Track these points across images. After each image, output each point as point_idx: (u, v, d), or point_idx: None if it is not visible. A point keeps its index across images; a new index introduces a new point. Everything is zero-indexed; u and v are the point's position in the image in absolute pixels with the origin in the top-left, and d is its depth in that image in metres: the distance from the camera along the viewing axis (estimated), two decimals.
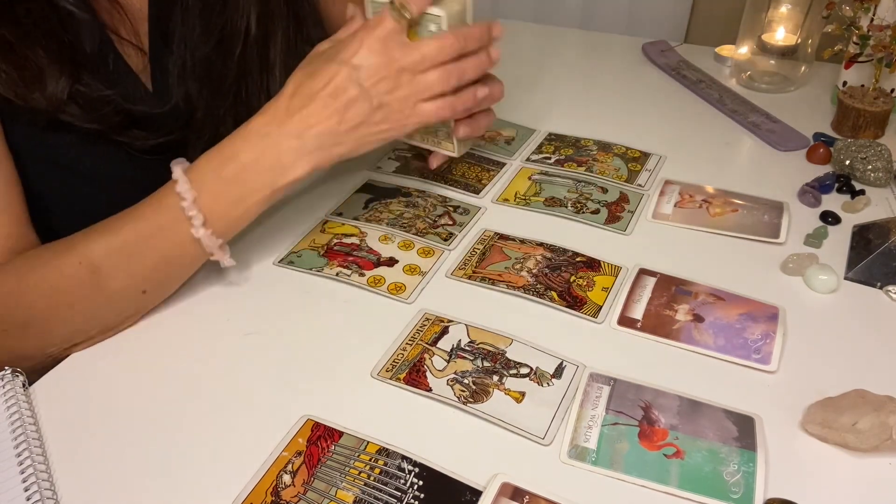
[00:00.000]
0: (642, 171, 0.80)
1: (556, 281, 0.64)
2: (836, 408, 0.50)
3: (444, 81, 0.61)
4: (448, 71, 0.61)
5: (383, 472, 0.48)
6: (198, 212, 0.57)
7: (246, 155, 0.58)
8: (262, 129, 0.59)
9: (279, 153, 0.58)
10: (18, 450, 0.49)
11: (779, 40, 0.97)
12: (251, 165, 0.58)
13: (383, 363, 0.56)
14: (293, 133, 0.58)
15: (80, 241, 0.58)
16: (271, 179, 0.59)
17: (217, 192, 0.58)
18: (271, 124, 0.59)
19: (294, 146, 0.58)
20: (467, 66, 0.62)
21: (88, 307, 0.58)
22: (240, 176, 0.58)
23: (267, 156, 0.58)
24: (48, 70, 0.60)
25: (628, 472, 0.48)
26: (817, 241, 0.69)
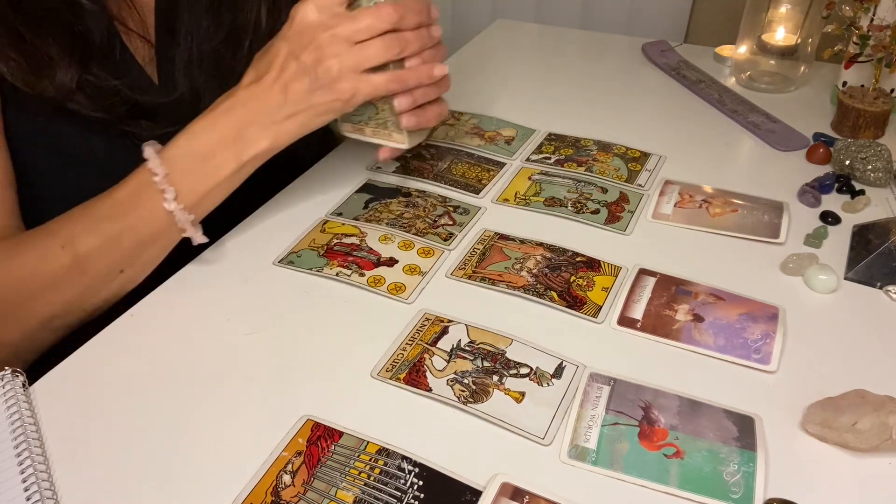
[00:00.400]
0: (642, 171, 0.80)
1: (556, 281, 0.64)
2: (836, 408, 0.50)
3: (387, 50, 0.61)
4: (389, 40, 0.61)
5: (383, 472, 0.48)
6: (169, 186, 0.60)
7: (211, 131, 0.61)
8: (223, 106, 0.62)
9: (239, 128, 0.61)
10: (18, 450, 0.49)
11: (779, 40, 0.97)
12: (216, 141, 0.61)
13: (383, 363, 0.56)
14: (250, 108, 0.61)
15: (61, 225, 0.60)
16: (236, 153, 0.62)
17: (187, 168, 0.61)
18: (231, 101, 0.62)
19: (252, 120, 0.61)
20: (409, 37, 0.62)
21: (70, 290, 0.60)
22: (207, 151, 0.61)
23: (229, 131, 0.61)
24: (58, 59, 0.62)
25: (628, 472, 0.48)
26: (817, 241, 0.69)
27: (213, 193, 0.63)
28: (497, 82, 1.02)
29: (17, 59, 0.61)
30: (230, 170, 0.62)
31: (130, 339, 0.59)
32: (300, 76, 0.60)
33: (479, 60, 1.10)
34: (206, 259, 0.67)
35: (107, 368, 0.56)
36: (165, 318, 0.61)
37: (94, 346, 0.58)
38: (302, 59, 0.60)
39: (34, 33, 0.62)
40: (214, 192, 0.63)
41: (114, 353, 0.58)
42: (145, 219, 0.61)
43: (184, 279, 0.65)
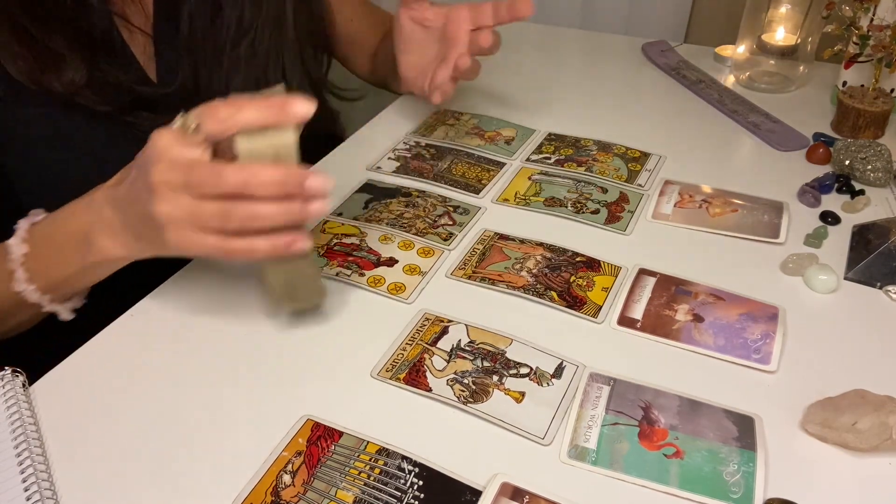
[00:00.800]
0: (642, 171, 0.80)
1: (556, 281, 0.64)
2: (835, 408, 0.50)
3: (220, 219, 0.50)
4: (227, 210, 0.49)
5: (383, 472, 0.48)
6: (21, 268, 0.58)
7: (70, 223, 0.57)
8: (87, 200, 0.57)
9: (90, 231, 0.56)
10: (18, 450, 0.49)
11: (779, 40, 0.97)
12: (71, 235, 0.57)
13: (383, 363, 0.56)
14: (103, 213, 0.55)
15: None
16: (82, 253, 0.56)
17: (42, 253, 0.58)
18: (95, 197, 0.56)
19: (102, 226, 0.55)
20: (261, 211, 0.49)
21: None
22: (62, 243, 0.58)
23: (81, 230, 0.56)
24: (69, 57, 0.63)
25: (628, 472, 0.48)
26: (817, 241, 0.69)
27: (65, 283, 0.59)
28: (497, 82, 1.02)
29: (26, 56, 0.62)
30: (75, 268, 0.57)
31: (130, 339, 0.59)
32: (136, 204, 0.52)
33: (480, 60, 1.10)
34: (206, 259, 0.67)
35: (107, 368, 0.56)
36: (165, 318, 0.61)
37: (94, 346, 0.58)
38: (139, 190, 0.51)
39: (42, 31, 0.63)
40: (69, 282, 0.59)
41: (114, 353, 0.58)
42: (4, 291, 0.59)
43: (184, 279, 0.65)
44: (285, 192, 0.49)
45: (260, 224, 0.50)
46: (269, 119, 0.49)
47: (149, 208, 0.50)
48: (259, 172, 0.49)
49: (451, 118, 0.91)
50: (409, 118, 0.91)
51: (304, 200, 0.50)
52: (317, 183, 0.50)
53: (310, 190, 0.50)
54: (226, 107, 0.49)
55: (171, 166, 0.49)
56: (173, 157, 0.49)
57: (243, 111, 0.49)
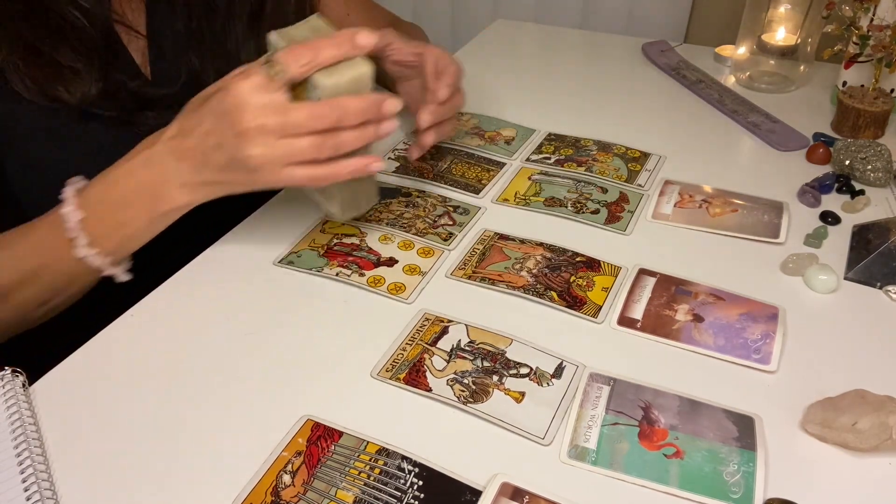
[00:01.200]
0: (642, 171, 0.80)
1: (556, 281, 0.64)
2: (835, 408, 0.50)
3: (315, 151, 0.56)
4: (321, 142, 0.56)
5: (383, 472, 0.48)
6: (82, 233, 0.59)
7: (127, 181, 0.59)
8: (143, 157, 0.59)
9: (156, 183, 0.59)
10: (18, 450, 0.49)
11: (779, 40, 0.97)
12: (132, 192, 0.59)
13: (383, 363, 0.56)
14: (168, 165, 0.58)
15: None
16: (150, 206, 0.59)
17: (101, 215, 0.59)
18: (151, 152, 0.59)
19: (168, 177, 0.58)
20: (346, 138, 0.57)
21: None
22: (122, 200, 0.59)
23: (145, 184, 0.59)
24: (83, 70, 0.64)
25: (628, 472, 0.48)
26: (817, 241, 0.69)
27: (129, 240, 0.61)
28: (497, 82, 1.02)
29: (35, 74, 0.62)
30: (144, 222, 0.60)
31: (130, 339, 0.59)
32: (218, 152, 0.56)
33: (479, 60, 1.10)
34: (206, 259, 0.67)
35: (107, 368, 0.56)
36: (165, 318, 0.61)
37: (94, 346, 0.58)
38: (225, 138, 0.55)
39: (49, 45, 0.63)
40: (130, 240, 0.61)
41: (114, 353, 0.58)
42: (60, 261, 0.60)
43: (184, 279, 0.65)
44: (370, 117, 0.57)
45: (345, 150, 0.58)
46: (345, 54, 0.56)
47: (240, 154, 0.55)
48: (347, 105, 0.56)
49: None
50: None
51: (377, 123, 0.58)
52: (392, 105, 0.58)
53: (387, 112, 0.58)
54: (305, 49, 0.55)
55: (264, 112, 0.54)
56: (264, 103, 0.54)
57: (322, 51, 0.55)
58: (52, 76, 0.63)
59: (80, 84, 0.64)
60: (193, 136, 0.57)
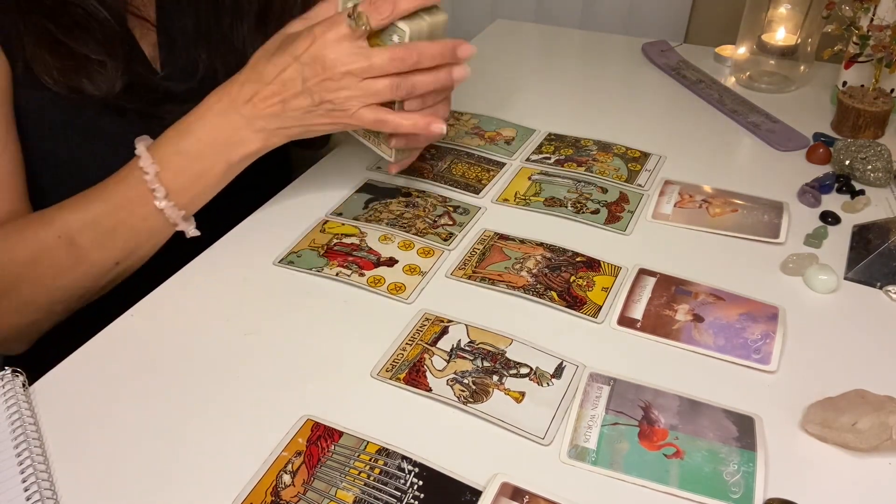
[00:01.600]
0: (642, 171, 0.80)
1: (556, 281, 0.64)
2: (836, 408, 0.50)
3: (392, 91, 0.61)
4: (397, 83, 0.61)
5: (383, 472, 0.48)
6: (160, 185, 0.61)
7: (203, 132, 0.62)
8: (217, 108, 0.63)
9: (232, 131, 0.62)
10: (18, 450, 0.49)
11: (779, 40, 0.97)
12: (208, 142, 0.62)
13: (383, 363, 0.56)
14: (244, 113, 0.62)
15: (58, 215, 0.62)
16: (226, 154, 0.63)
17: (178, 167, 0.62)
18: (225, 102, 0.62)
19: (244, 125, 0.62)
20: (420, 80, 0.62)
21: (68, 277, 0.62)
22: (198, 151, 0.62)
23: (221, 133, 0.63)
24: (108, 63, 0.65)
25: (628, 472, 0.48)
26: (817, 241, 0.69)
27: (203, 191, 0.64)
28: (497, 82, 1.02)
29: (59, 66, 0.63)
30: (220, 170, 0.64)
31: (130, 339, 0.59)
32: (302, 97, 0.61)
33: (479, 60, 1.10)
34: (206, 259, 0.67)
35: (107, 368, 0.56)
36: (165, 318, 0.61)
37: (94, 346, 0.58)
38: (308, 84, 0.61)
39: (77, 40, 0.64)
40: (205, 190, 0.64)
41: (114, 353, 0.58)
42: (138, 215, 0.62)
43: (184, 279, 0.65)
44: (443, 61, 0.62)
45: (419, 90, 0.63)
46: (422, 4, 0.60)
47: (325, 97, 0.61)
48: (424, 49, 0.61)
49: (452, 118, 0.91)
50: None
51: (450, 67, 0.63)
52: (467, 50, 0.63)
53: (462, 56, 0.63)
54: (385, 2, 0.59)
55: (350, 58, 0.60)
56: (349, 51, 0.60)
57: (400, 3, 0.60)
58: (78, 69, 0.64)
59: (105, 77, 0.65)
60: (274, 83, 0.61)
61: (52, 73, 0.63)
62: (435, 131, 0.64)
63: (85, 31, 0.64)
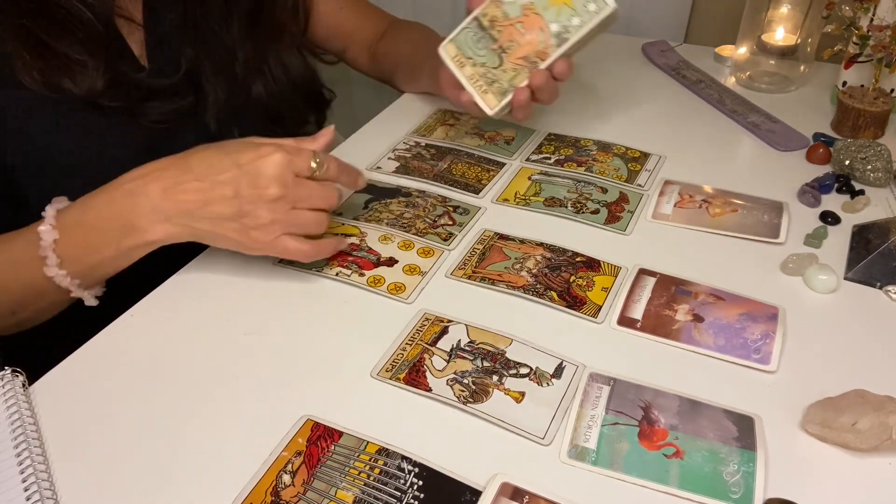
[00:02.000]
0: (642, 171, 0.80)
1: (556, 281, 0.64)
2: (836, 408, 0.50)
3: (317, 227, 0.62)
4: (323, 220, 0.62)
5: (383, 472, 0.48)
6: (53, 253, 0.59)
7: (106, 209, 0.59)
8: (129, 186, 0.59)
9: (134, 216, 0.58)
10: (18, 450, 0.49)
11: (779, 40, 0.97)
12: (108, 218, 0.59)
13: (383, 363, 0.56)
14: (153, 197, 0.58)
15: None
16: (121, 237, 0.59)
17: (74, 238, 0.59)
18: (138, 183, 0.59)
19: (148, 211, 0.58)
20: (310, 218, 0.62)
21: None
22: (96, 227, 0.59)
23: (123, 214, 0.59)
24: (89, 63, 0.64)
25: (628, 472, 0.48)
26: (817, 241, 0.69)
27: (98, 267, 0.61)
28: None
29: (40, 66, 0.63)
30: (111, 252, 0.60)
31: (130, 339, 0.59)
32: (225, 203, 0.58)
33: None
34: (206, 259, 0.67)
35: (107, 368, 0.56)
36: (165, 318, 0.61)
37: (94, 346, 0.58)
38: (241, 194, 0.58)
39: (58, 39, 0.64)
40: (100, 267, 0.61)
41: (114, 353, 0.58)
42: (31, 275, 0.60)
43: (184, 279, 0.65)
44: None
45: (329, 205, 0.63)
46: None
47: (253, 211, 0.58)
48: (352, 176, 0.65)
49: (451, 118, 0.91)
50: (408, 118, 0.91)
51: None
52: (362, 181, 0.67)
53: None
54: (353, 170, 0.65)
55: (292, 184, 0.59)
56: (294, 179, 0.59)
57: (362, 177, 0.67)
58: (59, 68, 0.64)
59: (86, 76, 0.65)
60: (205, 181, 0.58)
61: (33, 73, 0.63)
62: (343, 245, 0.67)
63: (67, 31, 0.64)
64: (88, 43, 0.65)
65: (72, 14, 0.64)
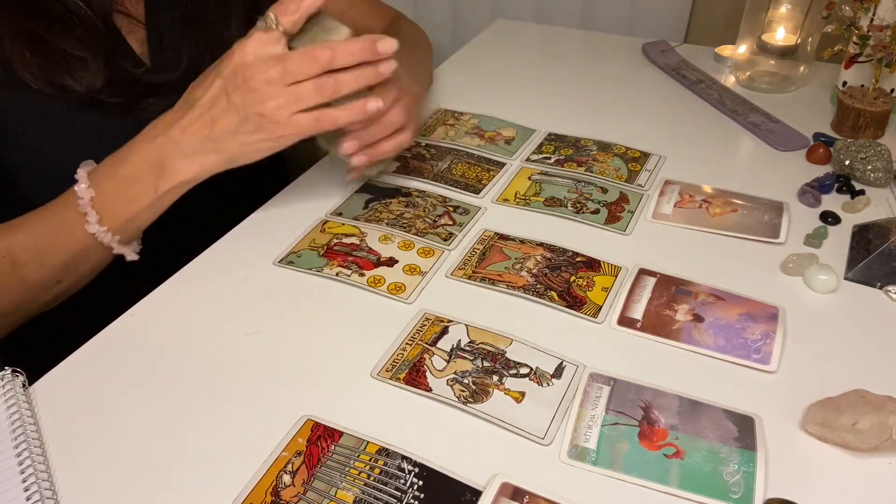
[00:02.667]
0: (642, 171, 0.80)
1: (556, 281, 0.64)
2: (836, 408, 0.50)
3: (318, 92, 0.60)
4: (321, 84, 0.59)
5: (383, 472, 0.48)
6: (92, 210, 0.61)
7: (136, 157, 0.62)
8: (151, 133, 0.62)
9: (162, 157, 0.62)
10: (18, 450, 0.49)
11: (779, 40, 0.97)
12: (140, 168, 0.62)
13: (383, 363, 0.56)
14: (174, 138, 0.61)
15: (1, 234, 0.63)
16: (156, 182, 0.62)
17: (111, 192, 0.62)
18: (159, 128, 0.62)
19: (174, 151, 0.61)
20: (343, 78, 0.60)
21: (11, 295, 0.63)
22: (129, 177, 0.62)
23: (152, 159, 0.62)
24: (89, 60, 0.65)
25: (628, 472, 0.48)
26: (817, 241, 0.69)
27: (137, 217, 0.63)
28: (497, 82, 1.02)
29: (40, 63, 0.63)
30: (149, 198, 0.62)
31: (130, 339, 0.59)
32: (228, 113, 0.60)
33: (479, 60, 1.10)
34: (206, 259, 0.67)
35: (107, 368, 0.56)
36: (165, 318, 0.61)
37: (94, 346, 0.58)
38: (233, 98, 0.59)
39: (57, 36, 0.64)
40: (139, 217, 0.63)
41: (114, 353, 0.58)
42: (74, 237, 0.62)
43: (184, 279, 0.65)
44: (363, 57, 0.60)
45: (344, 90, 0.60)
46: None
47: (251, 109, 0.59)
48: (339, 47, 0.59)
49: (451, 118, 0.91)
50: None
51: (374, 64, 0.61)
52: (387, 45, 0.60)
53: (381, 51, 0.60)
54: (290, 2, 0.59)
55: (266, 64, 0.58)
56: (264, 57, 0.58)
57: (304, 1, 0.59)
58: (58, 65, 0.64)
59: (86, 73, 0.65)
60: (200, 105, 0.60)
61: (33, 70, 0.63)
62: (371, 108, 0.62)
63: (65, 28, 0.64)
64: (87, 39, 0.65)
65: (70, 10, 0.64)
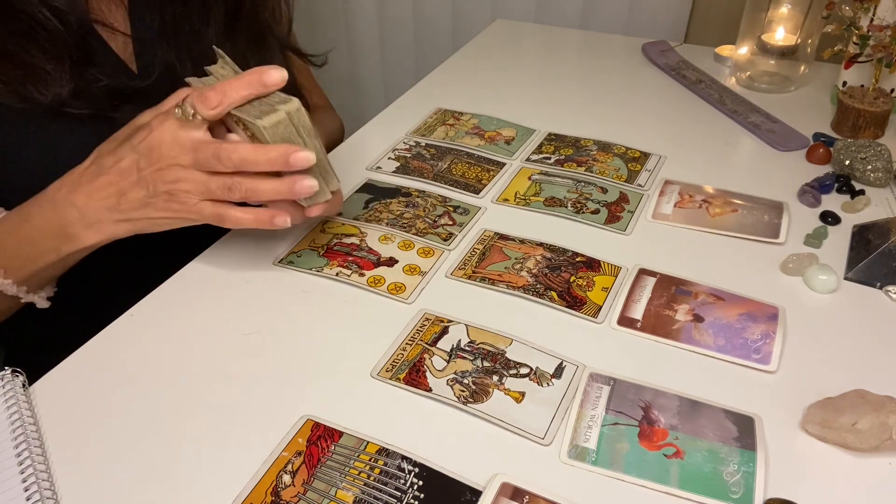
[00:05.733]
0: (642, 171, 0.80)
1: (556, 281, 0.64)
2: (835, 408, 0.50)
3: (226, 193, 0.57)
4: (230, 185, 0.57)
5: (383, 472, 0.48)
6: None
7: (37, 220, 0.60)
8: (53, 196, 0.60)
9: (65, 223, 0.60)
10: (18, 450, 0.49)
11: (779, 40, 0.97)
12: (41, 230, 0.60)
13: (383, 363, 0.56)
14: (77, 205, 0.59)
15: None
16: (59, 245, 0.60)
17: (13, 250, 0.61)
18: (61, 192, 0.60)
19: (77, 218, 0.59)
20: (259, 188, 0.57)
21: None
22: (32, 239, 0.61)
23: (54, 224, 0.60)
24: (54, 71, 0.63)
25: (628, 472, 0.48)
26: (817, 241, 0.69)
27: (42, 273, 0.63)
28: (497, 82, 1.02)
29: (7, 77, 0.62)
30: (52, 258, 0.61)
31: (130, 339, 0.59)
32: (137, 188, 0.58)
33: (479, 60, 1.10)
34: (206, 259, 0.67)
35: (107, 368, 0.56)
36: (165, 318, 0.61)
37: (94, 346, 0.58)
38: (144, 174, 0.57)
39: (21, 48, 0.63)
40: (44, 272, 0.63)
41: (114, 353, 0.58)
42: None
43: (184, 279, 0.65)
44: (278, 167, 0.55)
45: (258, 198, 0.57)
46: (253, 94, 0.55)
47: (159, 188, 0.57)
48: (248, 155, 0.55)
49: (451, 118, 0.91)
50: (408, 118, 0.91)
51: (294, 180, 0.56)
52: (301, 159, 0.55)
53: (295, 164, 0.55)
54: (213, 92, 0.55)
55: (184, 150, 0.56)
56: (184, 140, 0.56)
57: (229, 93, 0.55)
58: (24, 77, 0.63)
59: (51, 84, 0.63)
60: (110, 173, 0.58)
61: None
62: (278, 224, 0.59)
63: (30, 40, 0.63)
64: (52, 50, 0.64)
65: (35, 21, 0.63)
